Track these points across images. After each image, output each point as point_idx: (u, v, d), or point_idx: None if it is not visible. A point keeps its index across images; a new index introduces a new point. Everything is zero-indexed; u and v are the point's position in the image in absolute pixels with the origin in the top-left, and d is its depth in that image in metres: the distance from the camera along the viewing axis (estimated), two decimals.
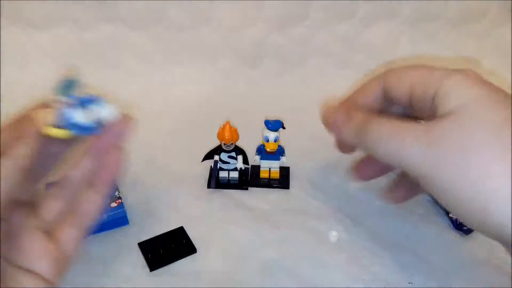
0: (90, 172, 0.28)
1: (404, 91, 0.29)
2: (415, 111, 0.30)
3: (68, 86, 0.26)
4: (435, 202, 0.44)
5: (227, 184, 0.48)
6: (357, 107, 0.32)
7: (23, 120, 0.26)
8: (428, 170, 0.24)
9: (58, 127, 0.25)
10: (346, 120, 0.31)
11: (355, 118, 0.30)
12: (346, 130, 0.31)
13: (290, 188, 0.48)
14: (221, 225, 0.44)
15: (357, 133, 0.29)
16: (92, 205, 0.27)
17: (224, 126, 0.45)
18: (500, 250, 0.40)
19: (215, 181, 0.48)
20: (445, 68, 0.27)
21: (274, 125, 0.46)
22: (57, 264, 0.26)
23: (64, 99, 0.25)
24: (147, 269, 0.39)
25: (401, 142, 0.25)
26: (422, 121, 0.26)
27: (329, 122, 0.32)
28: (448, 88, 0.26)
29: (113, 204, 0.44)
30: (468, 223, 0.24)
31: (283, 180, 0.49)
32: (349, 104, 0.33)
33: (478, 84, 0.26)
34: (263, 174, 0.49)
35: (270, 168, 0.49)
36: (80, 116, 0.25)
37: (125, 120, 0.28)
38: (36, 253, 0.25)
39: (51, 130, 0.25)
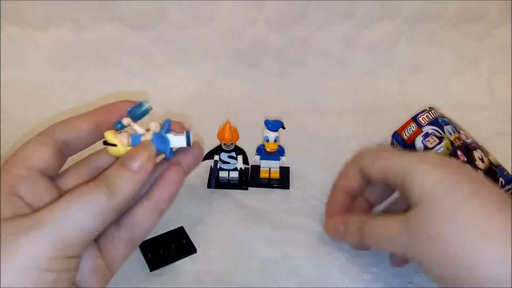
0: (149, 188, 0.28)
1: (378, 177, 0.34)
2: (394, 189, 0.35)
3: (142, 112, 0.28)
4: None
5: (227, 184, 0.48)
6: (349, 213, 0.37)
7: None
8: (412, 257, 0.29)
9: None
10: (346, 230, 0.35)
11: (351, 226, 0.35)
12: (348, 237, 0.36)
13: (290, 188, 0.48)
14: (221, 225, 0.44)
15: (357, 238, 0.34)
16: (145, 220, 0.27)
17: (224, 126, 0.45)
18: None
19: (215, 181, 0.48)
20: (411, 154, 0.31)
21: (274, 125, 0.46)
22: (103, 283, 0.26)
23: (153, 125, 0.27)
24: (147, 269, 0.39)
25: (389, 239, 0.31)
26: (403, 214, 0.30)
27: (333, 235, 0.37)
28: (412, 178, 0.29)
29: None
30: None
31: (283, 180, 0.49)
32: (341, 202, 0.38)
33: (438, 171, 0.29)
34: (263, 174, 0.49)
35: (270, 168, 0.49)
36: (174, 141, 0.27)
37: (197, 148, 0.30)
38: (90, 268, 0.25)
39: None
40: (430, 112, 0.49)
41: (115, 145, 0.26)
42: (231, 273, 0.39)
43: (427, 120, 0.48)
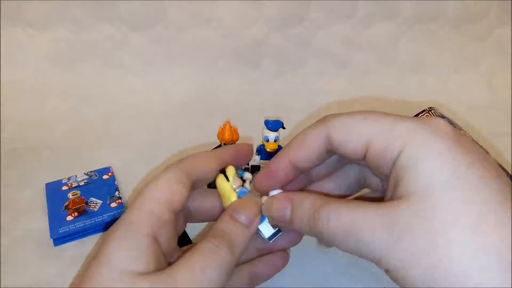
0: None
1: (356, 147, 0.24)
2: (372, 169, 0.25)
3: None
4: None
5: None
6: (301, 192, 0.27)
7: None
8: (393, 265, 0.21)
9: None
10: (293, 215, 0.26)
11: (301, 210, 0.25)
12: (297, 226, 0.26)
13: None
14: None
15: (308, 229, 0.25)
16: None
17: (224, 126, 0.45)
18: None
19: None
20: (410, 118, 0.22)
21: (274, 125, 0.46)
22: None
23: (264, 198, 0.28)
24: None
25: (360, 236, 0.21)
26: (384, 202, 0.22)
27: (274, 216, 0.27)
28: (415, 152, 0.21)
29: (113, 204, 0.44)
30: None
31: None
32: (282, 177, 0.27)
33: (449, 146, 0.21)
34: None
35: None
36: (264, 227, 0.28)
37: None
38: None
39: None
40: (430, 112, 0.49)
41: (228, 179, 0.28)
42: None
43: None
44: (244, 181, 0.30)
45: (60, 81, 0.64)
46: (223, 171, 0.28)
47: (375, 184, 0.29)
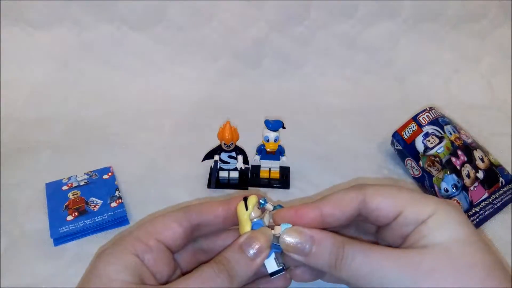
0: None
1: (391, 211, 0.28)
2: (382, 234, 0.29)
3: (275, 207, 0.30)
4: None
5: (227, 184, 0.48)
6: (321, 230, 0.28)
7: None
8: None
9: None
10: (314, 249, 0.27)
11: (324, 245, 0.27)
12: (316, 260, 0.27)
13: (290, 188, 0.48)
14: None
15: (329, 265, 0.27)
16: None
17: (224, 126, 0.45)
18: (500, 248, 0.40)
19: (215, 181, 0.48)
20: (433, 197, 0.28)
21: (274, 125, 0.46)
22: None
23: (278, 229, 0.28)
24: None
25: (386, 273, 0.25)
26: (401, 249, 0.26)
27: (291, 247, 0.28)
28: (441, 219, 0.26)
29: (113, 204, 0.44)
30: None
31: (283, 180, 0.49)
32: (313, 218, 0.29)
33: (465, 220, 0.27)
34: (263, 174, 0.49)
35: (270, 168, 0.49)
36: (269, 261, 0.29)
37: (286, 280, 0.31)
38: None
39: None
40: (430, 112, 0.49)
41: (246, 208, 0.29)
42: None
43: (428, 120, 0.48)
44: (264, 210, 0.30)
45: (60, 81, 0.64)
46: (245, 199, 0.29)
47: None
